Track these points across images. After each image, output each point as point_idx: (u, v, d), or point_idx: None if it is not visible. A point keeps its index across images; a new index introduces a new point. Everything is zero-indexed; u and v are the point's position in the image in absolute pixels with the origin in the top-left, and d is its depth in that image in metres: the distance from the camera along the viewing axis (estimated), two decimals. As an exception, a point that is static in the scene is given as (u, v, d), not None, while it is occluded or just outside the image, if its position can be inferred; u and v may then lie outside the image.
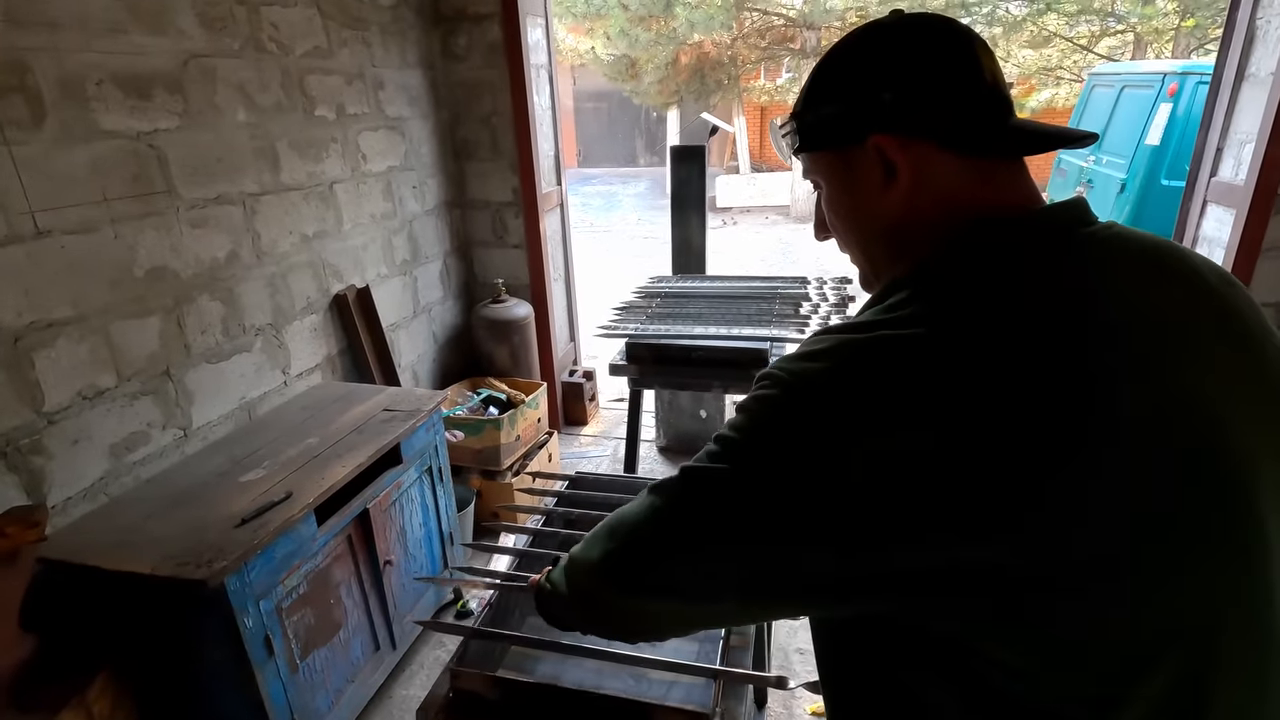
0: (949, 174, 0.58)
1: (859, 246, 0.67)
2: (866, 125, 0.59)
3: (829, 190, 0.66)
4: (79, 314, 1.72)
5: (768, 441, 0.52)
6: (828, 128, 0.63)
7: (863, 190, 0.62)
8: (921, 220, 0.59)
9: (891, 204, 0.60)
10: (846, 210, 0.65)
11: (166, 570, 1.47)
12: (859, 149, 0.61)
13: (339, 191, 2.63)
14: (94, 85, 1.73)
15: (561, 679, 1.21)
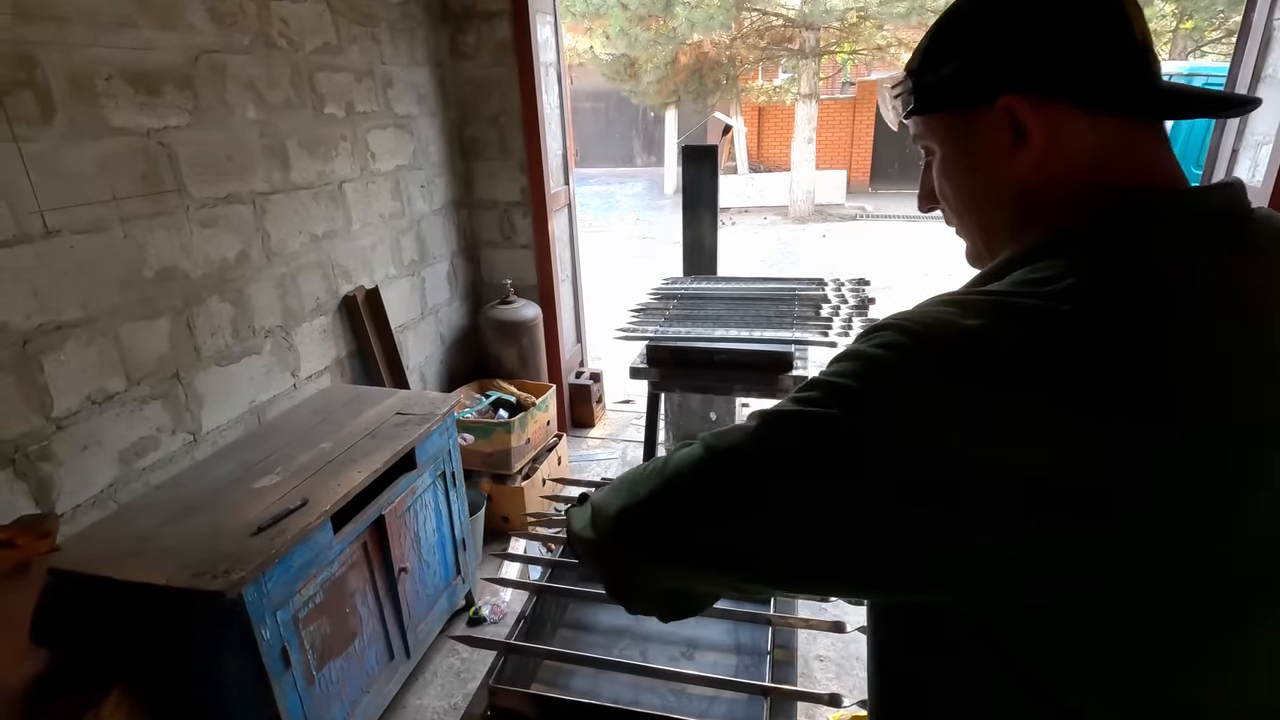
0: (1088, 139, 0.54)
1: (975, 217, 0.62)
2: (997, 84, 0.55)
3: (945, 156, 0.62)
4: (88, 316, 1.67)
5: (894, 389, 0.47)
6: (951, 87, 0.58)
7: (986, 156, 0.58)
8: (1054, 189, 0.55)
9: (1019, 171, 0.56)
10: (965, 178, 0.61)
11: (182, 581, 1.42)
12: (986, 110, 0.56)
13: (348, 191, 2.58)
14: (103, 81, 1.68)
15: (598, 694, 1.18)
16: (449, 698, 2.19)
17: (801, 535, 0.48)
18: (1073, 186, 0.54)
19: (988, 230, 0.62)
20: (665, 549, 0.56)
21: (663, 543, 0.55)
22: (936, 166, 0.63)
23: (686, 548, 0.54)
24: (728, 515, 0.51)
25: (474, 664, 2.32)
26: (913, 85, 0.62)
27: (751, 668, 1.25)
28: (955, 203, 0.63)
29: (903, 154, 13.89)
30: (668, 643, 1.29)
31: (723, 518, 0.51)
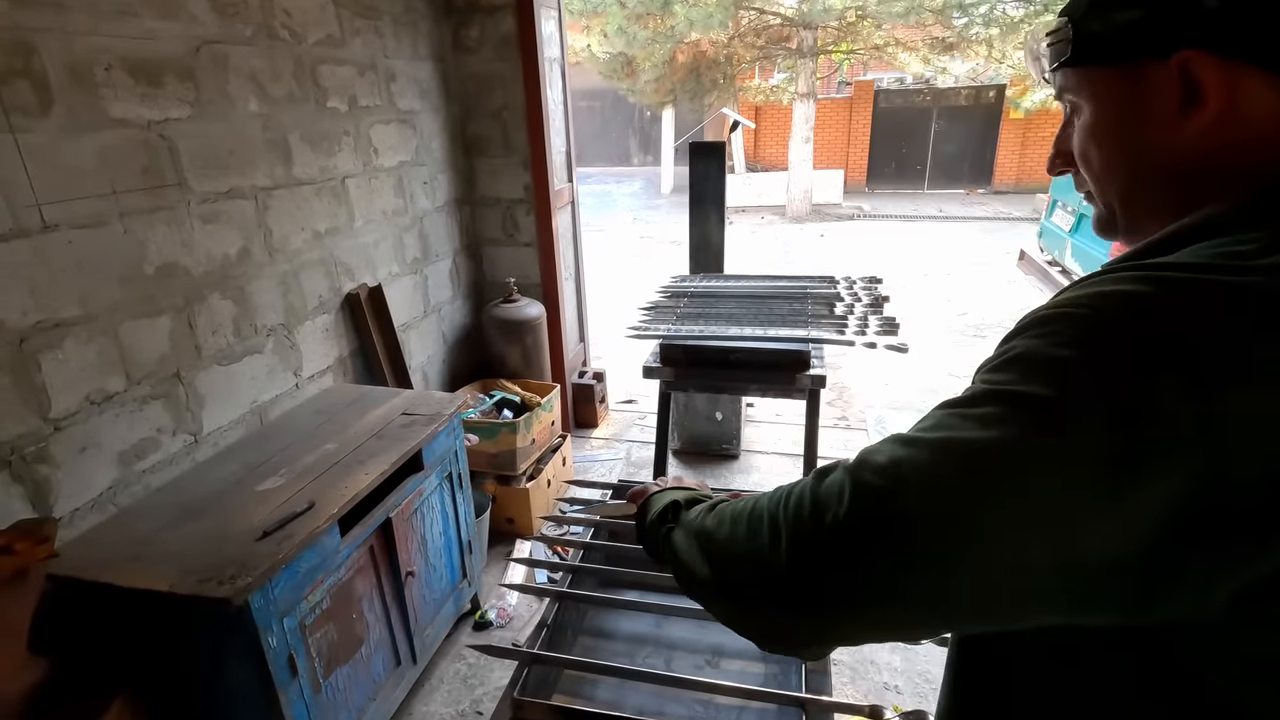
0: (1271, 108, 0.47)
1: (1119, 183, 0.57)
2: (1177, 37, 0.49)
3: (1096, 114, 0.56)
4: (87, 313, 1.62)
5: (1101, 391, 0.40)
6: (1121, 36, 0.52)
7: (1146, 117, 0.52)
8: (1221, 160, 0.50)
9: (1183, 136, 0.50)
10: (1117, 140, 0.55)
11: (186, 587, 1.37)
12: (1157, 65, 0.50)
13: (351, 187, 2.53)
14: (103, 70, 1.63)
15: (622, 705, 1.14)
16: (456, 704, 2.15)
17: (1019, 576, 0.42)
18: (1245, 158, 0.49)
19: (1131, 199, 0.57)
20: (852, 598, 0.48)
21: (849, 592, 0.48)
22: (1082, 126, 0.58)
23: (879, 595, 0.47)
24: (930, 561, 0.44)
25: (481, 670, 2.27)
26: (1074, 32, 0.55)
27: (780, 676, 1.21)
28: (1099, 166, 0.58)
29: (899, 154, 13.90)
30: (692, 651, 1.25)
31: (925, 564, 0.44)
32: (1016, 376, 0.44)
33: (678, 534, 0.69)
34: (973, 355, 5.01)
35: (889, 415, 4.03)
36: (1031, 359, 0.44)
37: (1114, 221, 0.59)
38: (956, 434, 0.45)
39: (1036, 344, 0.44)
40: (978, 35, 10.02)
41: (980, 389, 0.46)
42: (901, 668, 2.22)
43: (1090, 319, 0.43)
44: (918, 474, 0.45)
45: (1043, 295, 6.20)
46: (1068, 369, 0.42)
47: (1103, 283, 0.45)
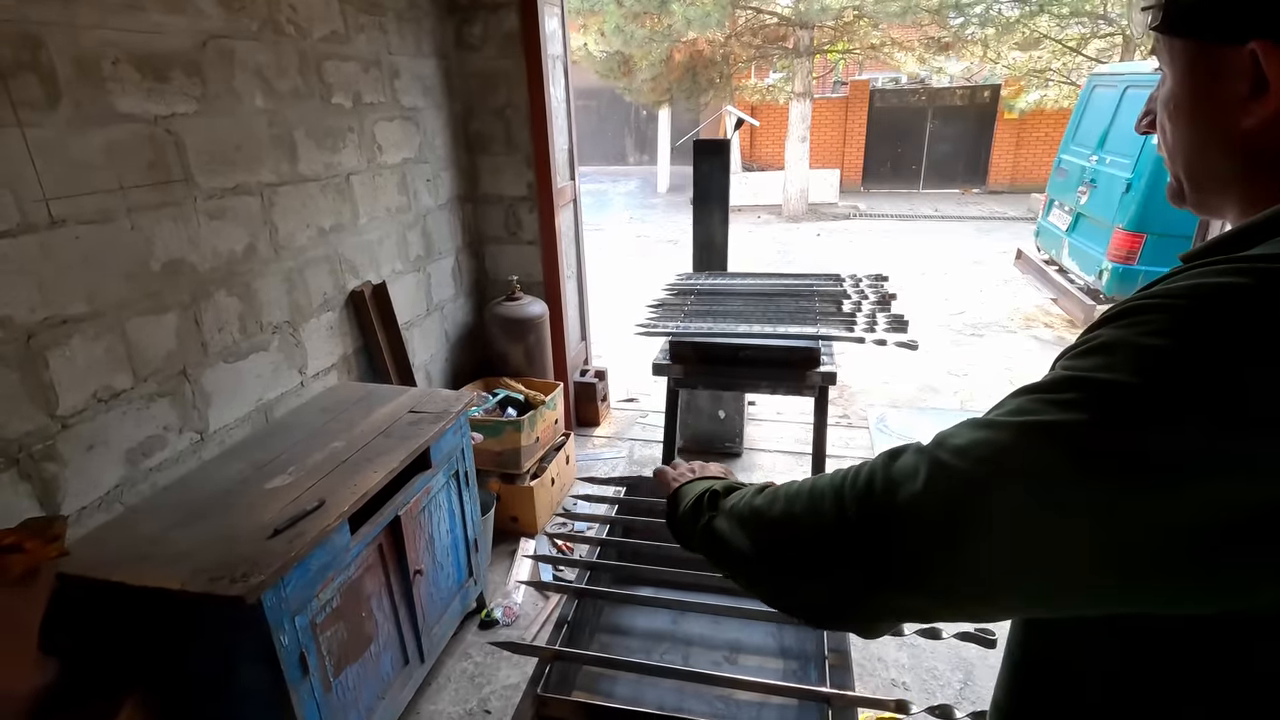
0: None
1: (1186, 158, 0.58)
2: (1252, 25, 0.49)
3: (1174, 84, 0.57)
4: (94, 310, 1.60)
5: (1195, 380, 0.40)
6: (1207, 13, 0.53)
7: (1217, 98, 0.53)
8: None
9: (1248, 123, 0.51)
10: (1188, 115, 0.56)
11: (199, 586, 1.36)
12: (1232, 51, 0.51)
13: (355, 183, 2.52)
14: (110, 65, 1.61)
15: (642, 701, 1.13)
16: (464, 703, 2.14)
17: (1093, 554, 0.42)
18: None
19: (1197, 175, 0.58)
20: (925, 570, 0.48)
21: (922, 565, 0.48)
22: (1163, 94, 0.59)
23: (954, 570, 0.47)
24: (1006, 539, 0.44)
25: (488, 668, 2.26)
26: (1165, 2, 0.56)
27: (799, 672, 1.21)
28: (1171, 138, 0.59)
29: (894, 153, 13.94)
30: (711, 647, 1.25)
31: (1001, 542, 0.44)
32: (1102, 363, 0.44)
33: (720, 521, 0.69)
34: (971, 353, 5.03)
35: (890, 413, 4.04)
36: (1120, 347, 0.44)
37: (1182, 192, 0.60)
38: (1037, 417, 0.45)
39: (1125, 333, 0.44)
40: (973, 35, 10.06)
41: (1062, 375, 0.46)
42: (909, 664, 2.22)
43: (1184, 309, 0.43)
44: (997, 454, 0.45)
45: (1040, 294, 6.23)
46: (1159, 358, 0.42)
47: (1194, 275, 0.45)
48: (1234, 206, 0.56)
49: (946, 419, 3.90)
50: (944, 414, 4.04)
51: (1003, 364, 4.82)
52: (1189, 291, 0.43)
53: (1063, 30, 10.24)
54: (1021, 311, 6.03)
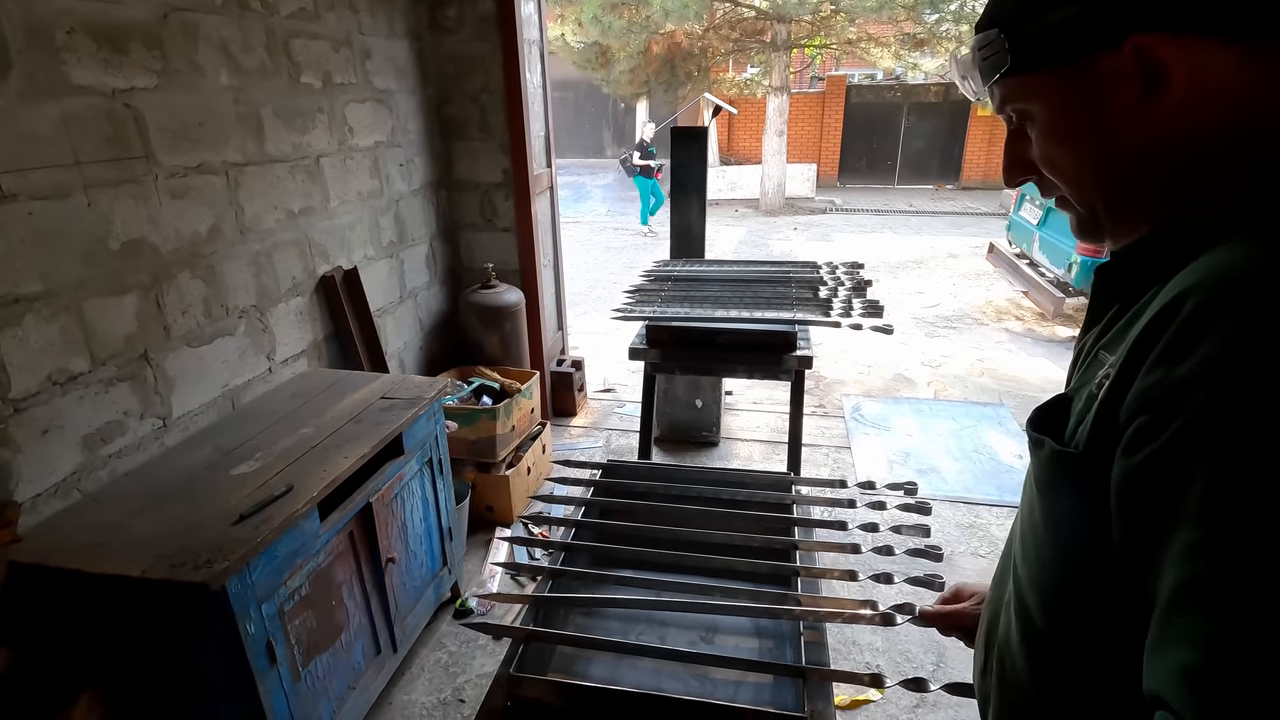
0: (1241, 76, 0.46)
1: (1094, 184, 0.54)
2: (1124, 23, 0.47)
3: (1052, 117, 0.54)
4: (49, 289, 1.54)
5: None
6: (1062, 35, 0.50)
7: (1107, 109, 0.50)
8: (1200, 144, 0.48)
9: (1150, 123, 0.49)
10: (1081, 139, 0.53)
11: (160, 572, 1.32)
12: (1108, 57, 0.48)
13: (325, 166, 2.46)
14: (64, 34, 1.55)
15: (619, 680, 1.12)
16: (438, 692, 2.11)
17: None
18: (1228, 138, 0.47)
19: (1111, 197, 0.54)
20: None
21: None
22: (1040, 131, 0.55)
23: None
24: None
25: (462, 658, 2.24)
26: (1006, 42, 0.53)
27: (775, 650, 1.21)
28: (1069, 170, 0.55)
29: (870, 149, 14.06)
30: (686, 627, 1.24)
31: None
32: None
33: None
34: (944, 345, 5.09)
35: (865, 403, 4.07)
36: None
37: (1098, 223, 0.57)
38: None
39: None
40: (948, 32, 10.17)
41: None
42: (883, 648, 2.24)
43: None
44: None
45: (1011, 287, 6.33)
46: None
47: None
48: (1153, 215, 0.53)
49: (920, 409, 3.95)
50: (918, 404, 4.09)
51: (975, 355, 4.89)
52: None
53: (1034, 28, 10.36)
54: (994, 304, 6.12)
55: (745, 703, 1.06)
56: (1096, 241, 0.59)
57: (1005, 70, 0.55)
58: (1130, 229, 0.55)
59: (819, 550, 1.35)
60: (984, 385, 4.38)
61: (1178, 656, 0.40)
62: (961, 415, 3.91)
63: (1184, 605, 0.41)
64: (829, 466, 3.39)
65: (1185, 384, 0.42)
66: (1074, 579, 0.54)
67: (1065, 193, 0.58)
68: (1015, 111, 0.57)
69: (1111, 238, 0.57)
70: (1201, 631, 0.39)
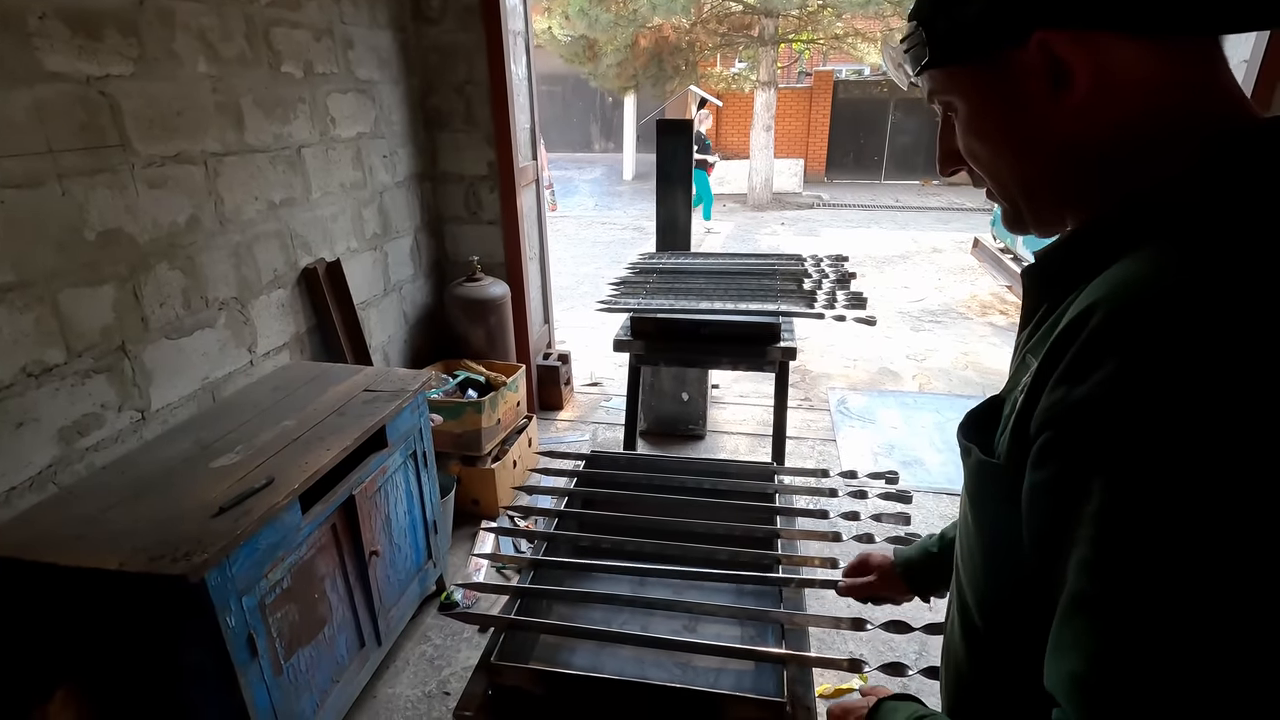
0: (1144, 71, 0.46)
1: (1013, 177, 0.55)
2: (1028, 19, 0.47)
3: (970, 111, 0.54)
4: (22, 279, 1.51)
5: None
6: (972, 30, 0.51)
7: (1021, 105, 0.50)
8: (1109, 139, 0.48)
9: (1063, 119, 0.49)
10: (999, 133, 0.53)
11: (138, 565, 1.30)
12: (1017, 53, 0.48)
13: (307, 157, 2.43)
14: (36, 19, 1.52)
15: (601, 669, 1.12)
16: (422, 686, 2.11)
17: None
18: (1134, 132, 0.47)
19: (1029, 192, 0.55)
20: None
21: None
22: (961, 124, 0.56)
23: None
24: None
25: (447, 650, 2.23)
26: (925, 35, 0.54)
27: (757, 638, 1.21)
28: (988, 163, 0.56)
29: (858, 144, 14.11)
30: (670, 616, 1.25)
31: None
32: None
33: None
34: (930, 339, 5.13)
35: (850, 396, 4.10)
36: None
37: (1020, 215, 0.57)
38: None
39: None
40: (934, 28, 10.19)
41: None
42: (866, 636, 2.26)
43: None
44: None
45: (995, 281, 6.39)
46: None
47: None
48: (1075, 213, 0.54)
49: (905, 402, 3.98)
50: (903, 397, 4.12)
51: (960, 349, 4.93)
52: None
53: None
54: (978, 298, 6.17)
55: (727, 689, 1.07)
56: (1023, 233, 0.59)
57: (925, 63, 0.55)
58: (1053, 223, 0.56)
59: (800, 539, 1.36)
60: (968, 379, 4.42)
61: (1068, 663, 0.43)
62: (946, 408, 3.94)
63: (1074, 616, 0.43)
64: (814, 459, 3.41)
65: (1082, 406, 0.42)
66: (1004, 582, 0.56)
67: (988, 185, 0.58)
68: (941, 103, 0.58)
69: (1037, 230, 0.57)
70: (1087, 644, 0.42)
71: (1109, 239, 0.49)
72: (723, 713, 0.93)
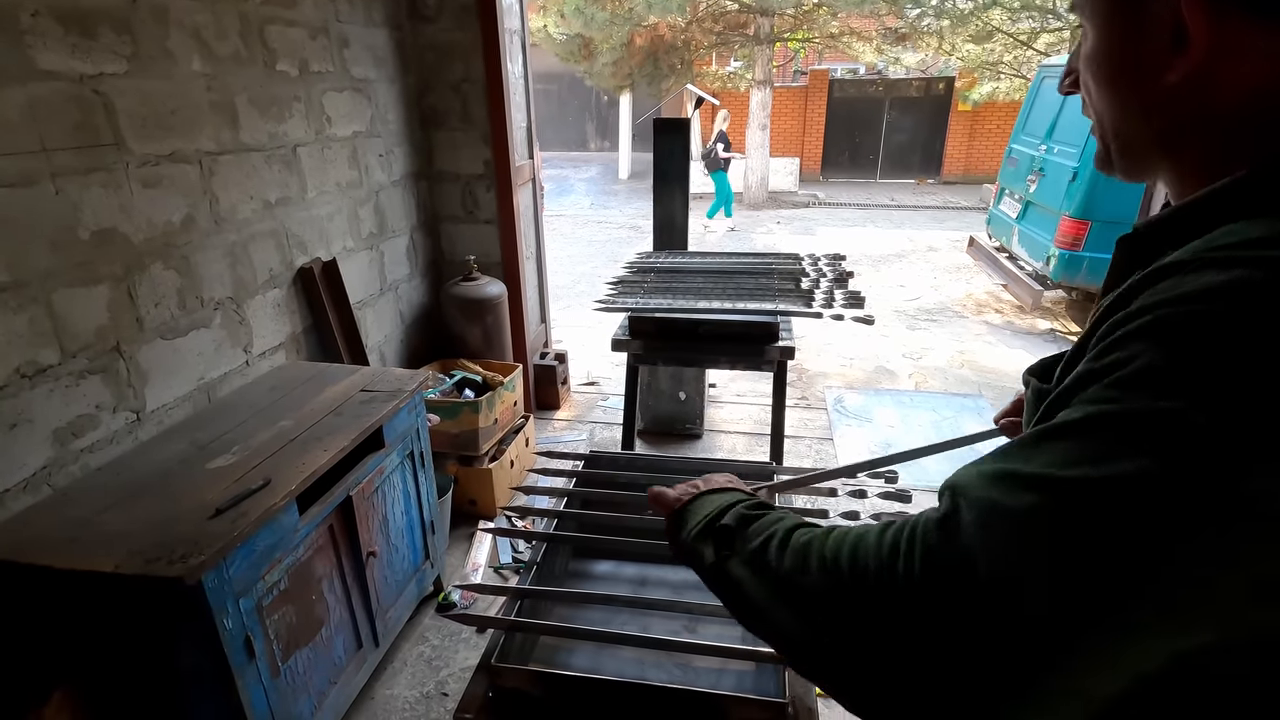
0: (1267, 62, 0.45)
1: (1110, 120, 0.55)
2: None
3: (1095, 41, 0.54)
4: (16, 279, 1.50)
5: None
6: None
7: (1140, 55, 0.50)
8: (1220, 117, 0.48)
9: (1172, 81, 0.49)
10: (1112, 73, 0.53)
11: (134, 568, 1.29)
12: (1151, 3, 0.49)
13: (303, 155, 2.42)
14: (29, 17, 1.50)
15: (601, 670, 1.12)
16: (420, 687, 2.10)
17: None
18: (1250, 118, 0.47)
19: (1121, 139, 0.55)
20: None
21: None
22: (1085, 51, 0.56)
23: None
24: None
25: (445, 651, 2.23)
26: None
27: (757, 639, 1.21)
28: (1095, 98, 0.56)
29: (853, 143, 14.13)
30: (670, 616, 1.24)
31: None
32: (1148, 395, 0.41)
33: (737, 567, 0.61)
34: (925, 338, 5.14)
35: (847, 395, 4.10)
36: (1156, 373, 0.42)
37: (1109, 158, 0.58)
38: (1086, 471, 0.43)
39: (1154, 356, 0.42)
40: (929, 27, 10.24)
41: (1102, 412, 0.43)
42: (865, 636, 2.26)
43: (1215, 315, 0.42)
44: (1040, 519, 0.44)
45: (991, 280, 6.40)
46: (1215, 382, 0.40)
47: (1199, 274, 0.43)
48: (1165, 173, 0.54)
49: (901, 400, 3.99)
50: (899, 395, 4.12)
51: (955, 347, 4.94)
52: (1206, 295, 0.41)
53: (1014, 24, 10.49)
54: (974, 297, 6.19)
55: (727, 690, 1.06)
56: (1109, 174, 0.60)
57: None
58: (1138, 175, 0.57)
59: (801, 539, 1.35)
60: (964, 377, 4.43)
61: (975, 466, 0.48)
62: (942, 406, 3.95)
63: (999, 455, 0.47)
64: (812, 457, 3.41)
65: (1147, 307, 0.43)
66: None
67: (1091, 117, 0.59)
68: (1080, 19, 0.57)
69: (1122, 176, 0.58)
70: (987, 468, 0.47)
71: (1214, 212, 0.48)
72: (724, 714, 0.92)
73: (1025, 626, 0.42)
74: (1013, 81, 11.12)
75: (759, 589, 0.58)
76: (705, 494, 0.73)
